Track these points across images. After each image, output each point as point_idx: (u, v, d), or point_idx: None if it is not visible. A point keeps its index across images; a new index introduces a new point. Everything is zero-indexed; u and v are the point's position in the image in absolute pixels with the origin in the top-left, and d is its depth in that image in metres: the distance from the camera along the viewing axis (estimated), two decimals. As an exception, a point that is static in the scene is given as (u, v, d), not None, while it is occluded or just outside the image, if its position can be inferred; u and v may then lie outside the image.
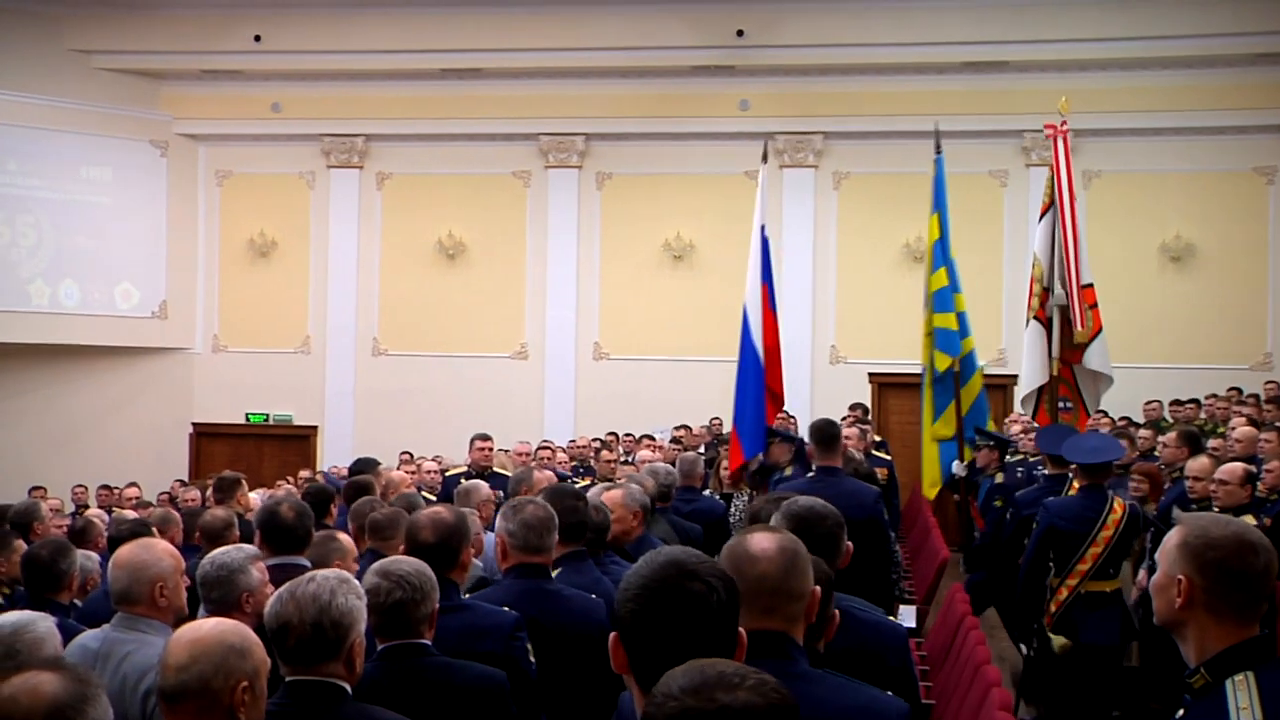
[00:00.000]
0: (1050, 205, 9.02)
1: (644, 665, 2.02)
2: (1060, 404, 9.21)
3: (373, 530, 5.09)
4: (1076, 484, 7.10)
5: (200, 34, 16.55)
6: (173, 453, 17.27)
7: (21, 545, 5.76)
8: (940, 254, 8.95)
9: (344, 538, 4.87)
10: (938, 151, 9.67)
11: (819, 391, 15.64)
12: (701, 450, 12.07)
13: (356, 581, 2.99)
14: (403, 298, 17.28)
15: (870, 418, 13.51)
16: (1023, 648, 7.57)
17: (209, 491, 8.73)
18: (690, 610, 2.03)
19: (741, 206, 16.30)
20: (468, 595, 4.14)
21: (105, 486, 14.05)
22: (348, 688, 2.85)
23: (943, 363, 8.85)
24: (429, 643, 3.36)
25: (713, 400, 14.72)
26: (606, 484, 6.83)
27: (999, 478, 9.47)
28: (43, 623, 3.43)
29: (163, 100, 17.42)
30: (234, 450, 16.90)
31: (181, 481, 14.80)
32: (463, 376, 16.85)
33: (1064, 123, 9.44)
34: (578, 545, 4.57)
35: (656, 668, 1.97)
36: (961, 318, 8.99)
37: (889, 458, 10.65)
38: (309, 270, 17.57)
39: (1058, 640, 6.72)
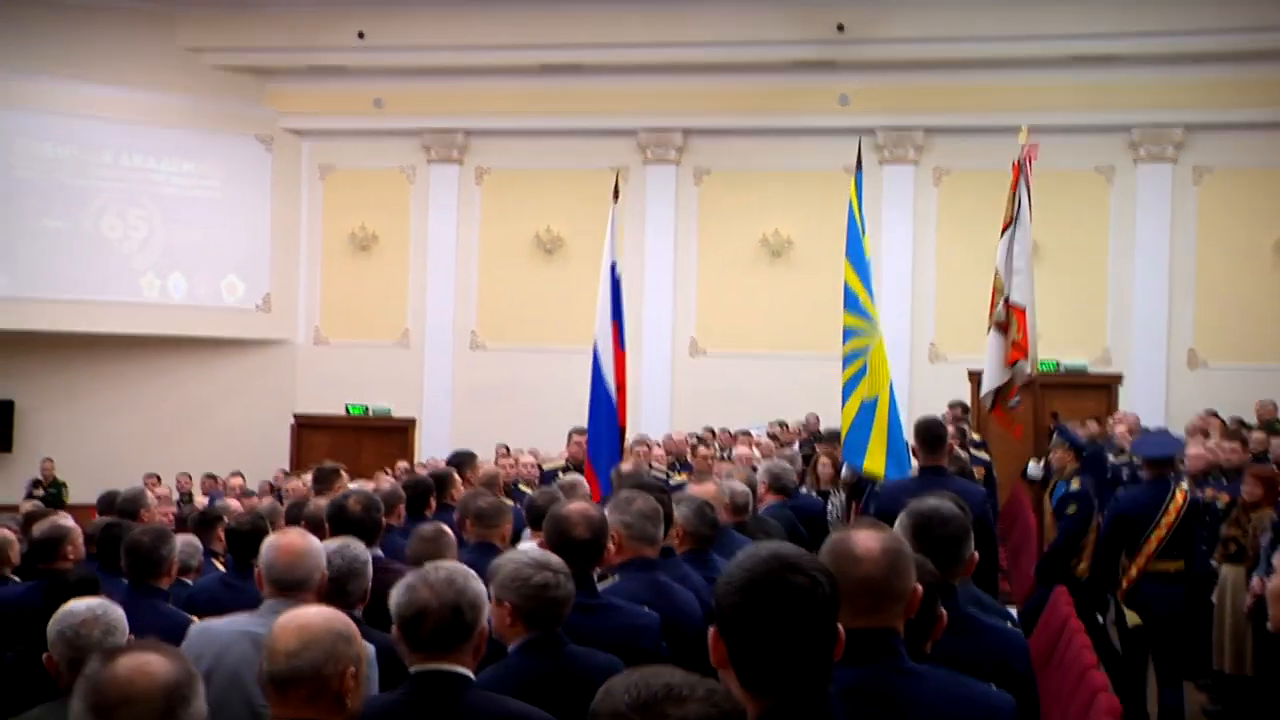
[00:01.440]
0: (1011, 222, 9.19)
1: (744, 660, 2.01)
2: (1013, 403, 9.55)
3: (478, 518, 5.11)
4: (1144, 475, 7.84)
5: (306, 31, 16.81)
6: (275, 443, 17.57)
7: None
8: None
9: (449, 533, 4.90)
10: (858, 168, 9.13)
11: (918, 389, 15.45)
12: (797, 447, 11.98)
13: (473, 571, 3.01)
14: (501, 291, 17.41)
15: (969, 416, 13.31)
16: (1099, 617, 7.99)
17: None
18: (793, 604, 2.01)
19: (841, 202, 16.23)
20: None
21: (210, 475, 14.35)
22: (472, 676, 2.87)
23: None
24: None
25: (809, 396, 14.64)
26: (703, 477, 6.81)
27: (1075, 483, 8.61)
28: (115, 609, 3.50)
29: (269, 96, 17.74)
30: (334, 441, 17.11)
31: (285, 471, 15.07)
32: (559, 370, 16.84)
33: (1027, 148, 9.67)
34: (666, 540, 4.54)
35: (757, 662, 1.96)
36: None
37: (988, 457, 10.49)
38: (409, 264, 17.79)
39: (1131, 617, 7.41)
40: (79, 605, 3.43)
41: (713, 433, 13.94)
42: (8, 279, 16.11)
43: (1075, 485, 8.55)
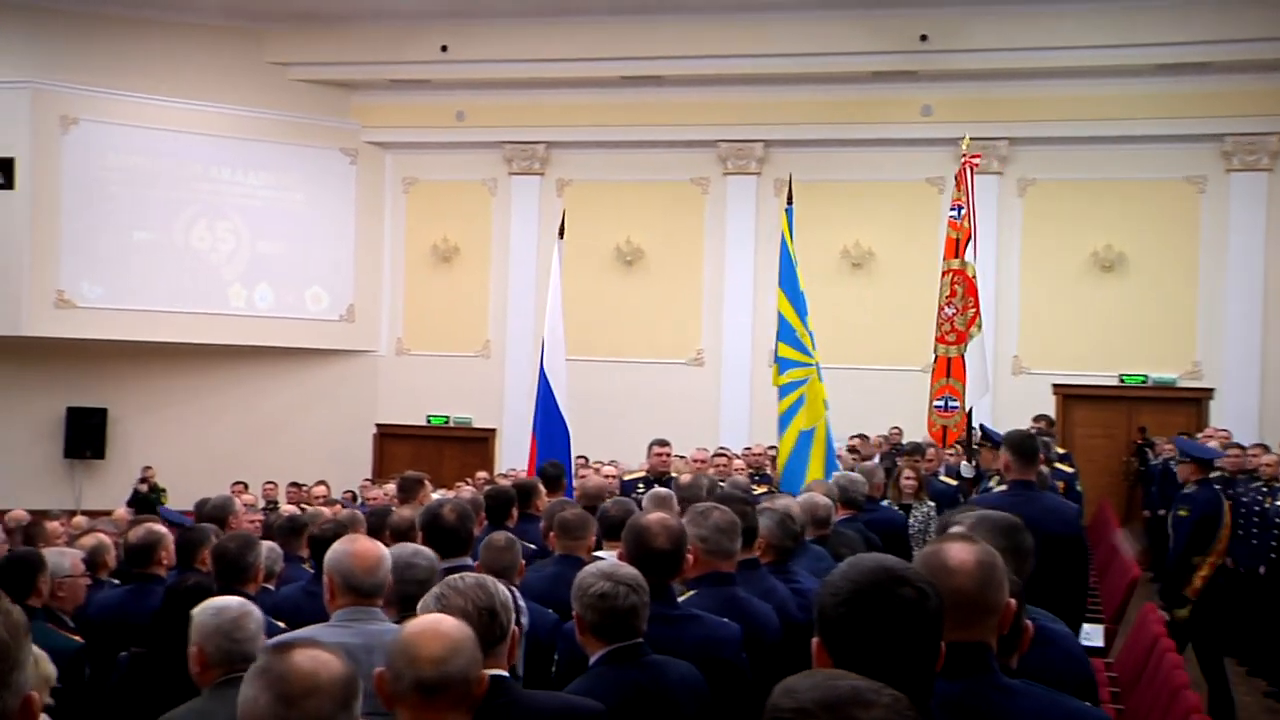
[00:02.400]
0: (970, 236, 9.10)
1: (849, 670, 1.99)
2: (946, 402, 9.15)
3: (562, 530, 5.10)
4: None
5: (390, 45, 17.04)
6: (357, 452, 17.78)
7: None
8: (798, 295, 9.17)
9: (518, 544, 4.93)
10: (789, 203, 9.78)
11: (1001, 402, 15.24)
12: (877, 459, 11.86)
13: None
14: (580, 303, 17.39)
15: (1054, 430, 13.11)
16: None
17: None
18: (902, 616, 2.00)
19: (923, 213, 16.13)
20: None
21: (294, 484, 14.51)
22: (509, 677, 2.90)
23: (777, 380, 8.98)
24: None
25: (890, 409, 14.55)
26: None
27: (1191, 486, 8.62)
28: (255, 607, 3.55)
29: (353, 110, 17.99)
30: (415, 451, 17.24)
31: (367, 480, 15.22)
32: (639, 382, 16.94)
33: (968, 157, 9.30)
34: (749, 552, 4.51)
35: (862, 674, 1.93)
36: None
37: (1072, 470, 10.33)
38: (489, 275, 17.92)
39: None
40: (231, 601, 3.48)
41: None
42: (101, 290, 16.46)
43: (1191, 488, 8.59)
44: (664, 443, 9.64)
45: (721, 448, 12.99)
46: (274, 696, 2.11)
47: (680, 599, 3.93)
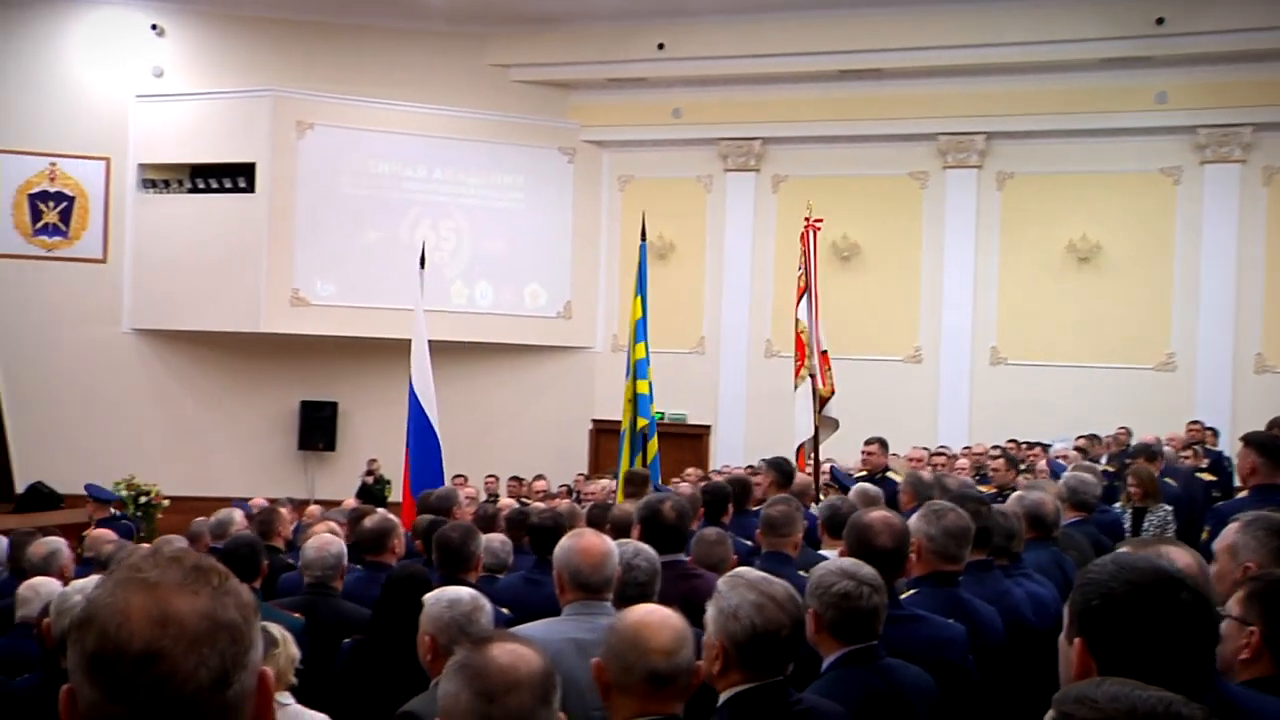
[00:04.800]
0: (806, 287, 9.94)
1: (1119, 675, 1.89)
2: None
3: (768, 527, 5.04)
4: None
5: (607, 44, 17.25)
6: (574, 447, 18.04)
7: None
8: (641, 331, 10.26)
9: (729, 539, 4.90)
10: (642, 239, 10.93)
11: (1241, 404, 14.53)
12: (1104, 461, 11.40)
13: None
14: (793, 300, 17.28)
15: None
16: None
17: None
18: (1184, 619, 1.92)
19: (1156, 205, 15.47)
20: None
21: (515, 478, 14.84)
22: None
23: (641, 423, 10.01)
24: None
25: (1118, 409, 14.05)
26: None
27: None
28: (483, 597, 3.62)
29: (571, 109, 18.26)
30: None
31: (583, 475, 15.43)
32: (854, 379, 16.64)
33: (811, 219, 10.14)
34: (983, 553, 4.40)
35: (1134, 679, 1.84)
36: (650, 386, 10.18)
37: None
38: (704, 273, 17.94)
39: None
40: (463, 593, 3.58)
41: (1017, 445, 13.44)
42: (333, 288, 17.12)
43: None
44: (871, 441, 9.49)
45: (941, 446, 12.72)
46: (474, 693, 2.12)
47: (901, 598, 3.85)
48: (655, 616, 2.66)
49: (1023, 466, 10.94)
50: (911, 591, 3.98)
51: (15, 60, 16.91)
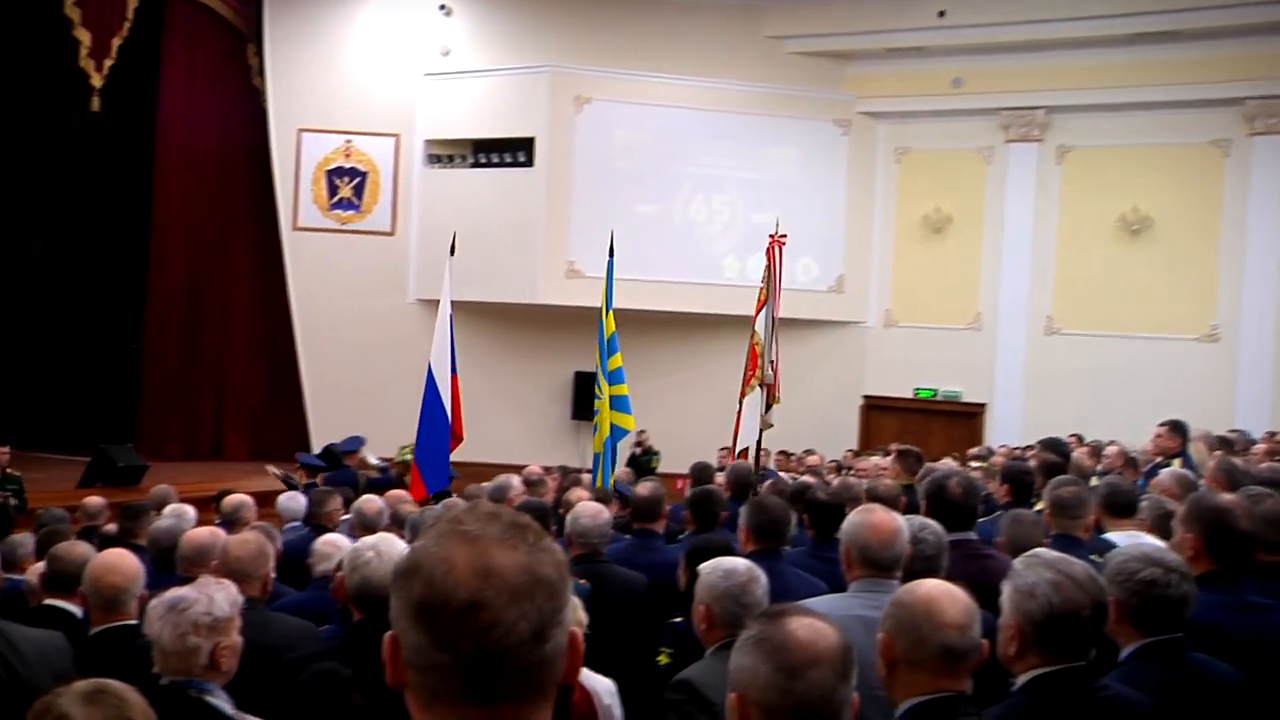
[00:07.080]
0: (766, 300, 10.74)
1: None
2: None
3: (1057, 508, 4.82)
4: None
5: (885, 13, 16.92)
6: (844, 423, 17.80)
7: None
8: (615, 343, 10.70)
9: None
10: (610, 255, 11.26)
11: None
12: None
13: None
14: (1080, 275, 16.63)
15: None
16: None
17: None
18: None
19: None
20: None
21: (784, 452, 14.76)
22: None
23: (626, 422, 10.51)
24: None
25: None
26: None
27: None
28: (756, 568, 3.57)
29: (847, 80, 17.98)
30: (902, 424, 17.06)
31: (853, 451, 15.23)
32: (1142, 358, 15.93)
33: (779, 236, 11.02)
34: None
35: None
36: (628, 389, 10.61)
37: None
38: (982, 247, 17.43)
39: None
40: (739, 564, 3.56)
41: None
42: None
43: None
44: (1163, 424, 8.90)
45: (1235, 430, 11.97)
46: (775, 667, 2.09)
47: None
48: (944, 590, 2.61)
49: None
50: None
51: (313, 44, 17.79)
